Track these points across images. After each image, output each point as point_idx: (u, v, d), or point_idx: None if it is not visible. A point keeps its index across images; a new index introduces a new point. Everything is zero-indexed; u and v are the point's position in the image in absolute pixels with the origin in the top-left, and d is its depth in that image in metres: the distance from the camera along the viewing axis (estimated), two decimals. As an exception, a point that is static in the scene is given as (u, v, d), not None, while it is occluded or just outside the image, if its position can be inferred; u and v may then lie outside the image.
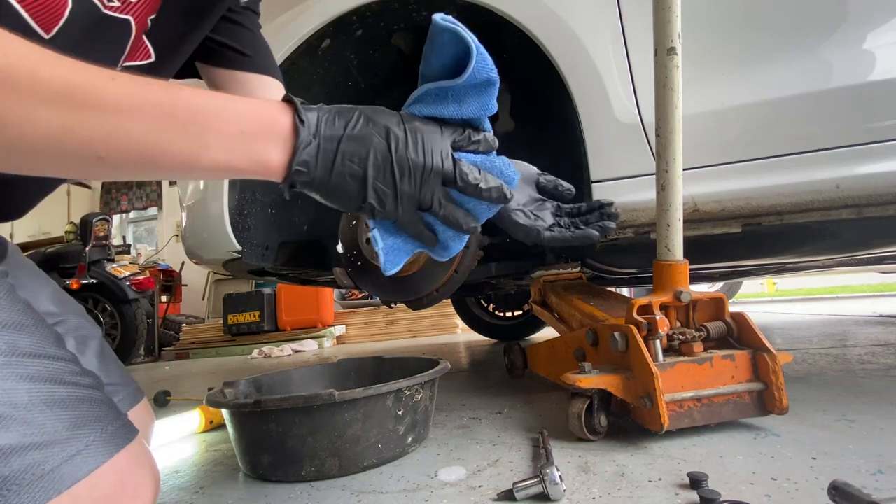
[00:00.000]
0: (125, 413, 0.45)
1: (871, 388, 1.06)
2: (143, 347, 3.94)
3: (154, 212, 7.00)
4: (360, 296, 4.46)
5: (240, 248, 1.10)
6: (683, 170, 0.85)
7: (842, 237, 1.10)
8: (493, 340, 2.67)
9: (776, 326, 2.49)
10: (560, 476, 0.63)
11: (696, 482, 0.62)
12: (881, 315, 2.65)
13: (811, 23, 0.93)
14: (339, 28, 1.09)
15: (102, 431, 0.40)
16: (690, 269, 0.89)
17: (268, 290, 4.02)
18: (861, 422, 0.84)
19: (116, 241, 5.16)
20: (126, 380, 0.73)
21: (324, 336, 3.75)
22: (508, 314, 2.62)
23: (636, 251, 1.14)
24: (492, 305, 2.64)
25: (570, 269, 1.30)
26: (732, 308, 0.89)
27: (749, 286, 5.52)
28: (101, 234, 3.85)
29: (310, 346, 3.53)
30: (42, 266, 0.72)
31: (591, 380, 0.82)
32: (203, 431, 1.21)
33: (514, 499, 0.64)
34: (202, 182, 1.15)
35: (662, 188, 0.85)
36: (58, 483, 0.36)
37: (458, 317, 2.76)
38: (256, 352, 3.49)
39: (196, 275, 5.20)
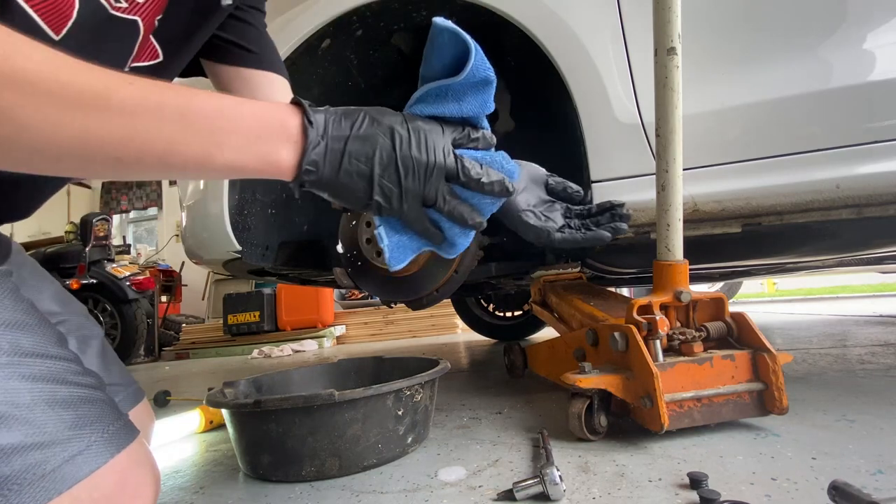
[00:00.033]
0: (126, 413, 0.45)
1: (871, 388, 1.06)
2: (143, 347, 3.94)
3: (154, 212, 7.00)
4: (360, 296, 4.46)
5: (240, 248, 1.10)
6: (683, 170, 0.85)
7: (842, 237, 1.10)
8: (493, 340, 2.67)
9: (776, 326, 2.49)
10: (560, 476, 0.63)
11: (696, 482, 0.62)
12: (881, 315, 2.65)
13: (811, 23, 0.93)
14: (339, 28, 1.09)
15: (104, 432, 0.40)
16: (690, 269, 0.89)
17: (268, 290, 4.02)
18: (861, 422, 0.84)
19: (116, 241, 5.16)
20: (127, 380, 0.73)
21: (324, 336, 3.75)
22: (508, 314, 2.62)
23: (636, 251, 1.14)
24: (492, 305, 2.63)
25: (570, 269, 1.30)
26: (732, 308, 0.89)
27: (749, 286, 5.52)
28: (101, 234, 3.86)
29: (310, 346, 3.53)
30: (42, 266, 0.72)
31: (591, 380, 0.82)
32: (203, 431, 1.21)
33: (514, 499, 0.64)
34: (202, 182, 1.15)
35: (662, 188, 0.85)
36: (59, 483, 0.36)
37: (458, 317, 2.76)
38: (256, 352, 3.49)
39: (196, 275, 5.20)
